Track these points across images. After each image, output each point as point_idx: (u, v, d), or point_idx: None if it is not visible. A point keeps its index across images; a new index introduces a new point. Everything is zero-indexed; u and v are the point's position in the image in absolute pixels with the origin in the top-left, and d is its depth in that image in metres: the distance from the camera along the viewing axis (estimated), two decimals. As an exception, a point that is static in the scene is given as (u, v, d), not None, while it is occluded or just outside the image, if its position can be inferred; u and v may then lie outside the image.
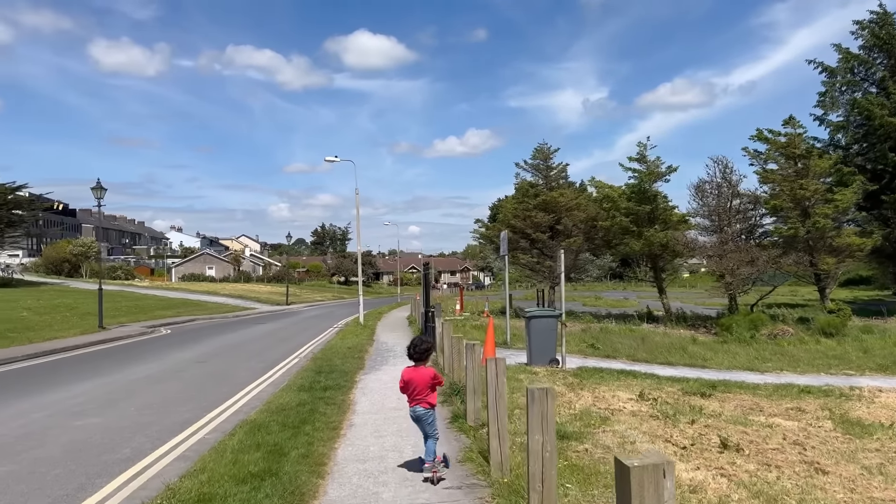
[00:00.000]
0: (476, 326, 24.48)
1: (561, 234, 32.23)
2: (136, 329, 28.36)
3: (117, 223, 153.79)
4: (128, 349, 20.22)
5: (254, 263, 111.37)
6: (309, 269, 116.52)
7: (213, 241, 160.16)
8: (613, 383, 12.39)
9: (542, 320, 13.57)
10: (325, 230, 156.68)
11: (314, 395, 9.90)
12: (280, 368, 14.53)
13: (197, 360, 16.48)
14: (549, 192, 32.35)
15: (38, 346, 20.25)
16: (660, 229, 30.47)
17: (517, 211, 32.83)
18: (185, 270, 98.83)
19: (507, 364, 14.45)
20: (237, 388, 11.92)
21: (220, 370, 14.53)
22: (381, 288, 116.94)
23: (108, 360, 17.25)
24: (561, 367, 13.61)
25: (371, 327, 24.62)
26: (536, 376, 12.44)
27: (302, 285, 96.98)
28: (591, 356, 16.98)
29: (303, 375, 12.18)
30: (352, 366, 13.45)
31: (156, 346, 21.14)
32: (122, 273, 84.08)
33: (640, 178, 30.70)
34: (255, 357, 16.97)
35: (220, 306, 49.37)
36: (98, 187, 28.67)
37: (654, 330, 26.54)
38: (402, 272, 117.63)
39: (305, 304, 59.54)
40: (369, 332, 22.25)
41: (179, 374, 13.99)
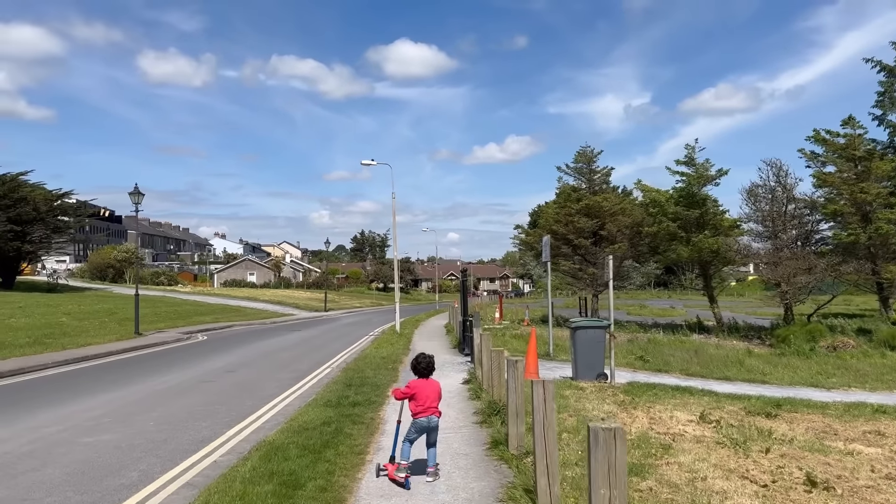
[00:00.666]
0: (516, 336, 23.48)
1: (605, 240, 31.03)
2: (173, 335, 28.10)
3: (162, 230, 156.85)
4: (160, 357, 19.79)
5: (294, 269, 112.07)
6: (348, 275, 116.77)
7: (255, 248, 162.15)
8: (669, 402, 11.30)
9: (588, 331, 12.55)
10: (364, 237, 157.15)
11: (341, 411, 9.09)
12: (310, 380, 13.80)
13: (226, 370, 15.87)
14: (592, 197, 31.21)
15: (70, 353, 19.97)
16: (710, 235, 29.05)
17: (559, 216, 31.75)
18: (226, 276, 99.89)
19: (551, 378, 13.47)
20: (262, 401, 11.19)
21: (247, 381, 13.87)
22: (420, 295, 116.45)
23: (138, 368, 16.78)
24: (610, 383, 12.56)
25: (407, 336, 23.82)
26: (583, 393, 11.43)
27: (341, 291, 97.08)
28: (640, 370, 15.86)
29: (331, 389, 11.39)
30: (384, 378, 12.62)
31: (189, 353, 20.69)
32: (165, 279, 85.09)
33: (689, 181, 29.34)
34: (285, 367, 16.30)
35: (259, 312, 49.26)
36: (136, 192, 28.56)
37: (706, 341, 25.14)
38: (441, 279, 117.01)
39: (343, 311, 59.20)
40: (405, 341, 21.45)
41: (206, 385, 13.36)
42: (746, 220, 30.50)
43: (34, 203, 53.22)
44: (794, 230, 30.38)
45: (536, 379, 10.81)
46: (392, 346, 19.58)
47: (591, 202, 30.46)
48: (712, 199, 29.88)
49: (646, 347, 21.48)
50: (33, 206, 53.00)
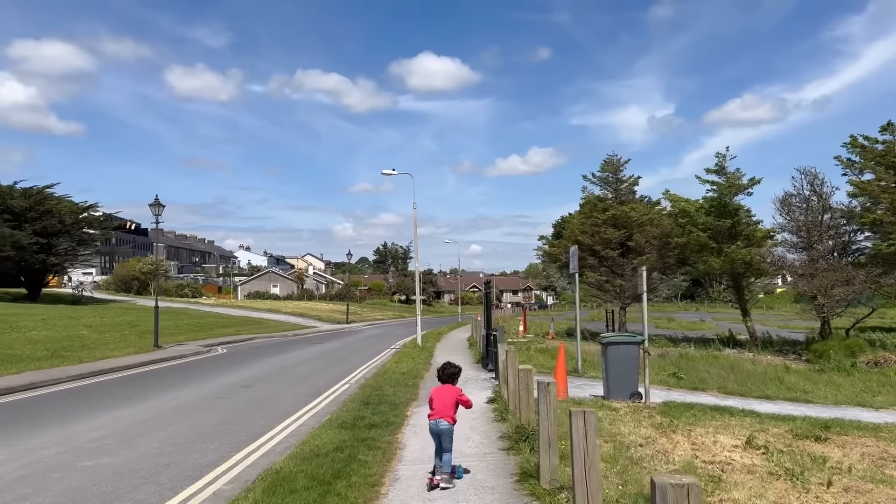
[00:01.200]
0: (541, 350, 22.68)
1: (632, 252, 30.13)
2: (192, 348, 27.73)
3: (188, 242, 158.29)
4: (176, 371, 19.33)
5: (317, 281, 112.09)
6: (371, 287, 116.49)
7: (279, 260, 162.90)
8: (709, 423, 10.48)
9: (621, 347, 11.78)
10: (387, 249, 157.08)
11: (356, 434, 8.43)
12: (327, 397, 13.18)
13: (243, 385, 15.32)
14: (619, 207, 30.35)
15: (86, 367, 19.60)
16: (742, 246, 28.05)
17: (585, 226, 30.93)
18: (250, 288, 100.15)
19: (581, 397, 12.60)
20: (276, 420, 10.58)
21: (263, 397, 13.28)
22: (442, 307, 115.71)
23: (153, 382, 16.31)
24: (645, 403, 11.76)
25: (429, 349, 23.14)
26: (617, 414, 10.65)
27: (363, 303, 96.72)
28: (675, 388, 15.01)
29: (348, 407, 10.74)
30: (404, 396, 11.95)
31: (206, 367, 20.22)
32: (189, 291, 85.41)
33: (720, 190, 28.39)
34: (303, 382, 15.71)
35: (281, 324, 48.94)
36: (156, 203, 28.38)
37: (740, 357, 24.12)
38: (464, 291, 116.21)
39: (365, 323, 58.71)
40: (427, 356, 20.76)
41: (219, 402, 12.80)
42: (780, 230, 29.45)
43: (60, 216, 53.61)
44: (831, 241, 29.22)
45: (565, 398, 10.00)
46: (413, 360, 18.91)
47: (618, 212, 29.61)
48: (745, 208, 28.93)
49: (678, 363, 20.57)
50: (59, 219, 53.37)
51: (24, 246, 49.73)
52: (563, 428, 6.36)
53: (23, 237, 49.67)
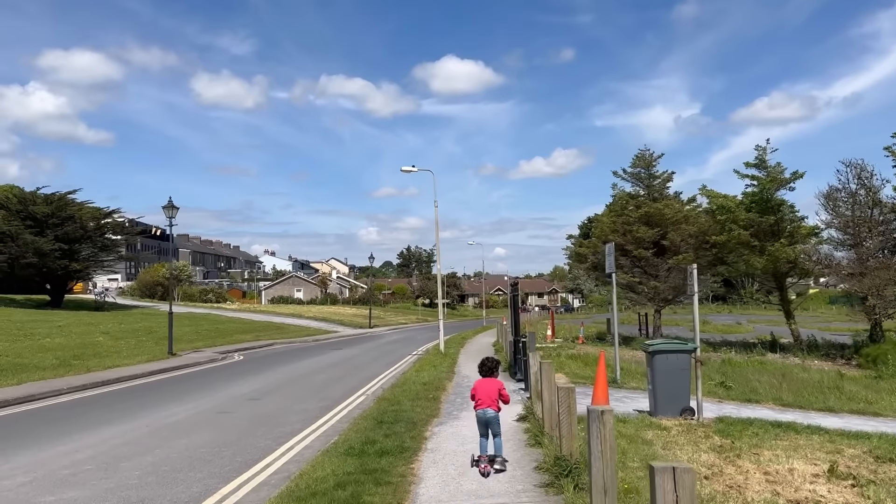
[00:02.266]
0: (573, 357, 21.22)
1: (667, 251, 28.51)
2: (208, 355, 26.75)
3: (213, 248, 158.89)
4: (185, 381, 18.26)
5: (340, 286, 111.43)
6: (394, 290, 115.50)
7: (304, 265, 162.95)
8: (776, 444, 9.02)
9: (670, 357, 10.34)
10: (410, 252, 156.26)
11: (364, 463, 7.13)
12: (340, 411, 11.93)
13: (251, 397, 14.14)
14: (652, 204, 28.75)
15: (92, 376, 18.62)
16: (786, 243, 26.33)
17: (616, 225, 29.37)
18: (274, 293, 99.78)
19: (623, 412, 11.13)
20: (278, 441, 9.35)
21: (269, 413, 12.07)
22: (467, 310, 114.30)
23: (156, 394, 15.21)
24: (698, 419, 10.31)
25: (452, 356, 21.80)
26: (669, 434, 9.23)
27: (387, 307, 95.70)
28: (725, 399, 13.50)
29: (359, 426, 9.46)
30: (423, 412, 10.63)
31: (217, 376, 19.12)
32: (214, 296, 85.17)
33: (762, 185, 26.67)
34: (316, 394, 14.48)
35: (303, 329, 48.00)
36: (169, 206, 27.47)
37: (786, 362, 22.43)
38: (488, 294, 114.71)
39: (388, 328, 57.58)
40: (450, 363, 19.42)
41: (220, 418, 11.61)
42: (825, 226, 27.61)
43: (81, 221, 53.24)
44: (881, 237, 27.32)
45: None
46: (435, 368, 17.59)
47: (651, 209, 28.02)
48: (788, 204, 27.17)
49: (724, 370, 18.99)
50: (80, 225, 52.99)
51: (46, 252, 49.40)
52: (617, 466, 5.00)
53: (45, 243, 49.36)
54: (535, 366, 9.56)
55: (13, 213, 51.10)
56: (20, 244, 49.08)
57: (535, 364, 9.55)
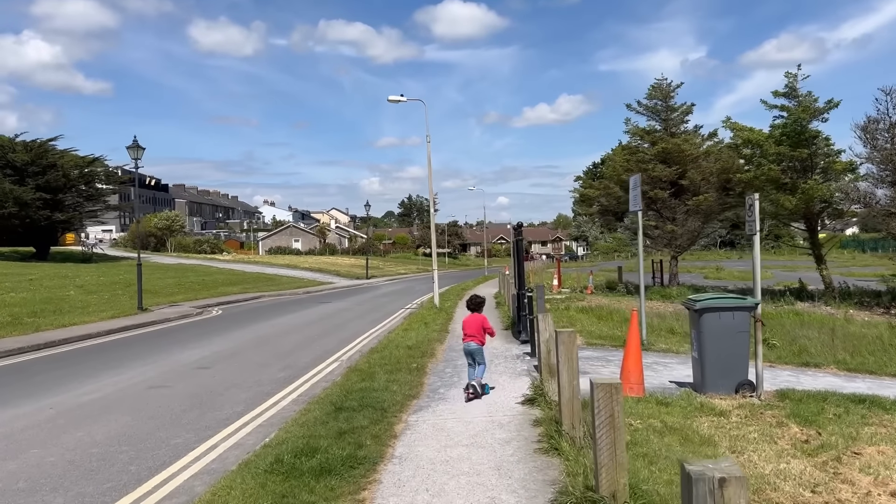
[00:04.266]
0: (583, 310, 18.79)
1: (686, 191, 25.79)
2: (183, 310, 24.48)
3: (210, 198, 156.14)
4: (138, 342, 15.92)
5: (339, 236, 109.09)
6: (395, 240, 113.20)
7: (304, 215, 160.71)
8: (874, 435, 6.59)
9: (724, 316, 7.84)
10: (412, 201, 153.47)
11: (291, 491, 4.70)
12: (298, 386, 9.55)
13: (200, 365, 11.77)
14: (670, 139, 25.88)
15: (35, 337, 16.30)
16: (820, 180, 23.63)
17: (629, 164, 26.58)
18: (271, 243, 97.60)
19: (660, 388, 8.62)
20: (200, 437, 6.97)
21: (212, 388, 9.69)
22: (469, 260, 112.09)
23: (93, 361, 12.86)
24: (759, 397, 7.87)
25: (448, 311, 19.36)
26: (728, 420, 6.79)
27: (387, 257, 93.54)
28: (776, 363, 11.04)
29: (308, 417, 7.00)
30: (400, 390, 8.18)
31: (178, 336, 16.78)
32: (209, 247, 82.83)
33: (794, 115, 23.77)
34: (281, 359, 12.10)
35: (295, 281, 45.74)
36: (134, 146, 24.85)
37: (826, 314, 19.96)
38: (490, 243, 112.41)
39: (386, 278, 55.30)
40: (444, 320, 16.99)
41: (149, 396, 9.24)
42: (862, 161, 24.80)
43: (64, 170, 50.57)
44: (925, 173, 24.55)
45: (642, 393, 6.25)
46: (426, 326, 15.15)
47: (669, 145, 25.18)
48: (823, 136, 24.30)
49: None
50: (63, 173, 50.34)
51: (27, 202, 46.91)
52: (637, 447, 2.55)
53: (25, 192, 46.84)
54: (546, 332, 7.07)
55: (-10, 162, 48.50)
56: (-1, 193, 46.61)
57: (546, 329, 7.06)
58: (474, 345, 7.90)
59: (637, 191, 11.38)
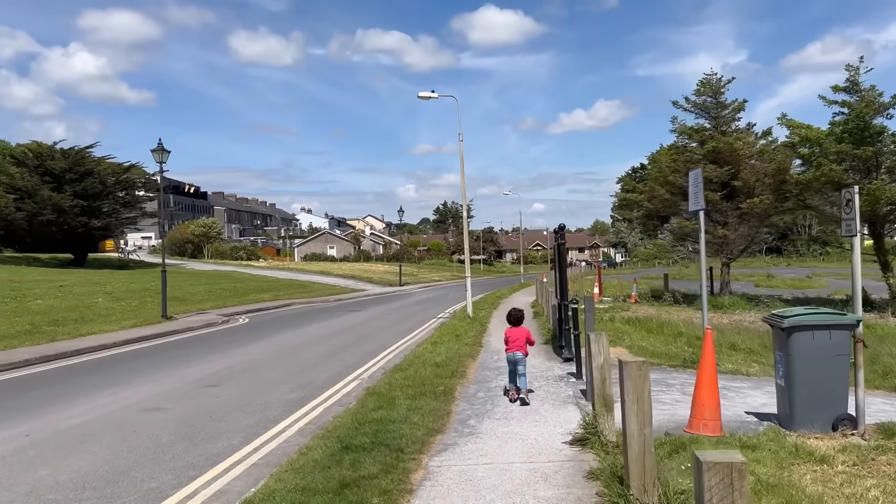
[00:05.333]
0: (630, 322, 17.27)
1: (739, 193, 24.02)
2: (209, 318, 23.65)
3: (249, 205, 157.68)
4: (151, 354, 14.97)
5: (374, 242, 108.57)
6: (430, 247, 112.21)
7: (340, 222, 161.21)
8: None
9: (818, 335, 6.39)
10: (447, 208, 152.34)
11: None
12: (309, 411, 8.35)
13: (209, 382, 10.67)
14: (721, 137, 24.16)
15: (52, 347, 15.49)
16: (887, 180, 21.72)
17: (676, 164, 24.92)
18: (307, 250, 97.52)
19: (736, 420, 6.87)
20: (181, 479, 5.80)
21: (214, 411, 8.57)
22: (504, 266, 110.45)
23: (94, 376, 11.90)
24: (861, 433, 6.38)
25: (482, 322, 18.04)
26: (833, 471, 5.34)
27: (421, 264, 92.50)
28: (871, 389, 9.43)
29: (309, 457, 5.78)
30: (423, 421, 6.90)
31: (195, 348, 15.81)
32: (245, 253, 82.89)
33: (856, 111, 21.90)
34: (295, 376, 10.94)
35: (327, 288, 44.88)
36: (159, 149, 24.14)
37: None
38: (526, 250, 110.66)
39: (419, 285, 54.16)
40: (477, 331, 15.65)
41: (140, 421, 8.16)
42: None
43: (101, 177, 50.78)
44: None
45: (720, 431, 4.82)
46: (457, 339, 13.85)
47: (720, 144, 23.45)
48: (889, 132, 22.35)
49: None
50: (100, 180, 50.55)
51: (64, 209, 47.18)
52: None
53: (63, 199, 47.07)
54: (600, 355, 5.71)
55: (31, 169, 48.89)
56: (38, 200, 46.83)
57: (601, 353, 5.70)
58: (520, 354, 8.26)
59: (699, 188, 9.93)
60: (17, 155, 53.37)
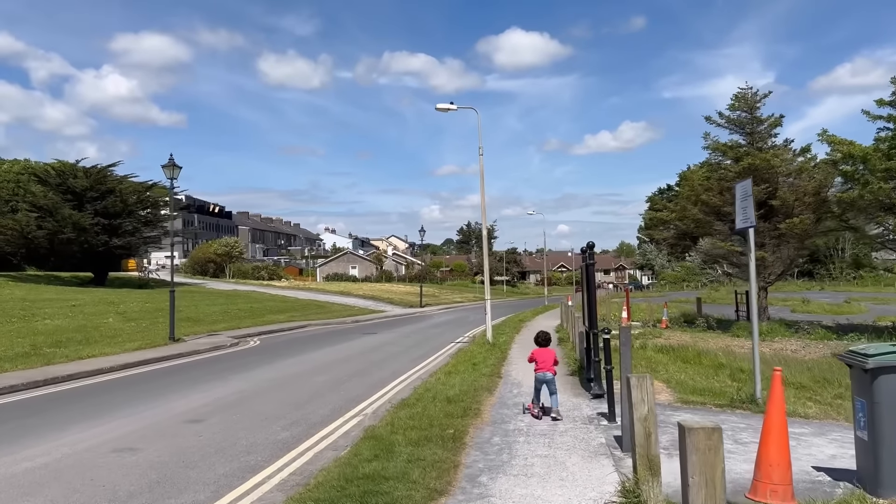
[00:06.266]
0: (662, 350, 15.93)
1: (777, 213, 22.59)
2: (217, 341, 22.71)
3: (273, 225, 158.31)
4: (144, 381, 13.98)
5: (396, 263, 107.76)
6: (453, 268, 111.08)
7: (364, 242, 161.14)
8: None
9: (915, 380, 5.15)
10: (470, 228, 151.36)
11: None
12: (297, 456, 7.23)
13: (192, 418, 9.60)
14: (758, 154, 22.80)
15: (44, 371, 14.61)
16: (941, 200, 20.20)
17: (709, 182, 23.59)
18: (328, 270, 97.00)
19: (803, 478, 5.44)
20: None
21: (191, 453, 7.48)
22: (528, 288, 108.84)
23: (81, 405, 10.92)
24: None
25: (502, 348, 16.80)
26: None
27: (444, 285, 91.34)
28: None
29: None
30: (424, 480, 5.74)
31: (195, 374, 14.80)
32: (267, 273, 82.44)
33: (907, 124, 20.46)
34: (291, 411, 9.83)
35: (346, 308, 43.91)
36: (170, 165, 23.44)
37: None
38: (550, 271, 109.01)
39: (441, 307, 53.00)
40: (496, 359, 14.42)
41: (105, 464, 7.11)
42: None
43: (122, 195, 50.64)
44: None
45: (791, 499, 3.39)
46: (474, 368, 12.64)
47: (757, 160, 22.10)
48: (943, 148, 20.85)
49: None
50: (121, 199, 50.41)
51: (85, 227, 46.97)
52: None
53: (83, 218, 46.91)
54: (643, 404, 4.52)
55: (52, 187, 48.91)
56: (59, 219, 46.72)
57: (644, 401, 4.51)
58: (550, 375, 8.65)
59: (748, 202, 8.73)
60: (40, 173, 53.60)
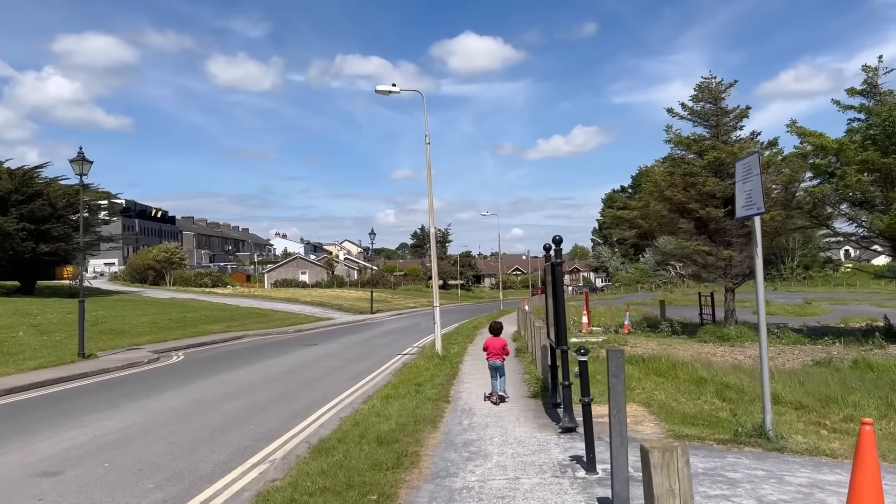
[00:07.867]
0: (632, 361, 14.10)
1: (745, 209, 21.17)
2: (135, 356, 20.20)
3: (220, 230, 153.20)
4: (21, 411, 11.52)
5: (348, 267, 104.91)
6: (407, 272, 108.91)
7: (316, 247, 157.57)
8: None
9: None
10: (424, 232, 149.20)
11: None
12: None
13: (45, 470, 7.32)
14: (723, 146, 21.40)
15: None
16: (917, 194, 19.10)
17: (673, 178, 22.09)
18: (277, 276, 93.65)
19: None
20: None
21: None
22: (483, 291, 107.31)
23: None
24: None
25: (453, 362, 14.75)
26: None
27: (397, 290, 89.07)
28: None
29: None
30: None
31: (83, 402, 12.38)
32: (209, 280, 78.74)
33: (884, 114, 19.29)
34: (178, 457, 7.61)
35: (290, 317, 41.37)
36: (80, 159, 20.81)
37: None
38: (506, 275, 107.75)
39: (392, 313, 50.75)
40: (446, 377, 12.35)
41: None
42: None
43: (50, 199, 46.99)
44: None
45: None
46: (418, 392, 10.52)
47: (722, 154, 20.69)
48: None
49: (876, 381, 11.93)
50: (49, 203, 46.76)
51: (9, 233, 43.21)
52: None
53: (7, 222, 43.17)
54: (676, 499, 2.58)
55: (-28, 190, 45.04)
56: (-23, 223, 42.99)
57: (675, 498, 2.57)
58: (499, 362, 9.79)
59: (753, 182, 6.98)
60: (-40, 176, 49.50)
